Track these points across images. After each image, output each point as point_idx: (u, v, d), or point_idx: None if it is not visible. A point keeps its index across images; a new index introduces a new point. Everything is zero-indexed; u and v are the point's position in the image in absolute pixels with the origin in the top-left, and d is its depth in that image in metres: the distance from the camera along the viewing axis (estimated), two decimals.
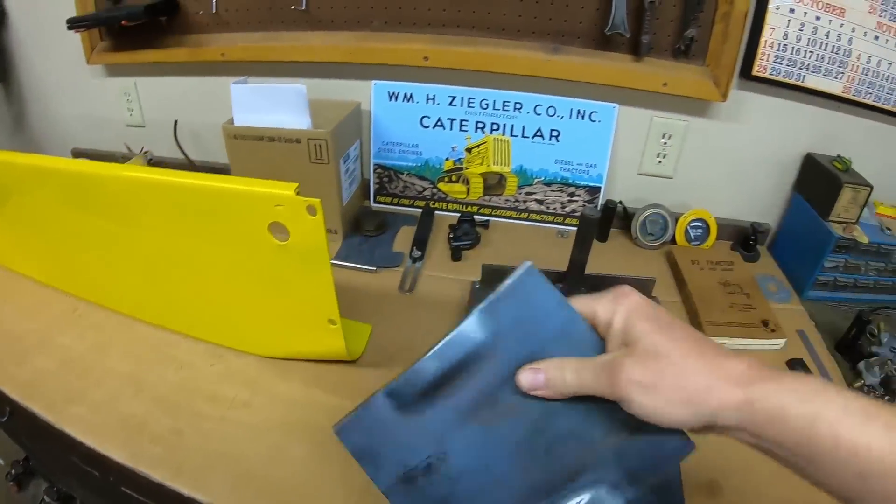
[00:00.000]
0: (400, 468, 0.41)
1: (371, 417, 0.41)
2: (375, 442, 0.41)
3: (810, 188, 0.97)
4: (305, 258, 0.58)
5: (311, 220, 0.55)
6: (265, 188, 0.56)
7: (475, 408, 0.39)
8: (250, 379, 0.69)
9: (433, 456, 0.40)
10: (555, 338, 0.37)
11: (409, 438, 0.40)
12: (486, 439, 0.40)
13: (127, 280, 0.74)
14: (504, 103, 0.95)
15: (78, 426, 0.62)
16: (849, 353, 0.86)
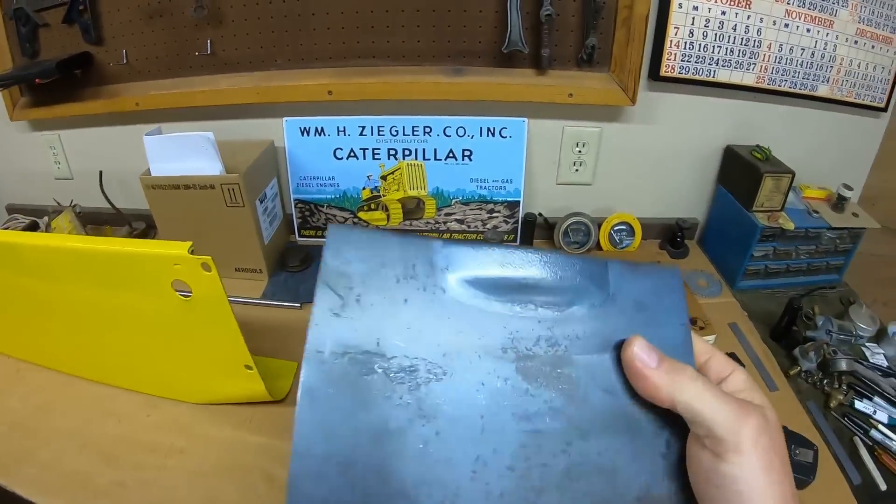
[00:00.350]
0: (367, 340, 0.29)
1: (394, 253, 0.30)
2: (368, 282, 0.30)
3: (732, 180, 1.03)
4: (209, 311, 0.63)
5: (208, 276, 0.60)
6: (161, 249, 0.61)
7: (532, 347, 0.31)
8: (184, 426, 0.75)
9: (429, 362, 0.29)
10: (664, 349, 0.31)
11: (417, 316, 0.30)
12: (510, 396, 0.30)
13: (62, 340, 0.79)
14: (413, 128, 1.00)
15: (29, 487, 0.67)
16: (783, 341, 0.91)
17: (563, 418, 0.30)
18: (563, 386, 0.31)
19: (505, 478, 0.29)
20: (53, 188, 1.20)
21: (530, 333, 0.31)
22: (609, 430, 0.30)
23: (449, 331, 0.30)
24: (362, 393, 0.28)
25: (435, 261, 0.30)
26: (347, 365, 0.28)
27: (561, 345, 0.31)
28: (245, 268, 0.98)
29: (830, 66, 1.00)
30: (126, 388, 0.80)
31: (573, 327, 0.32)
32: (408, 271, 0.30)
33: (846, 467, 0.71)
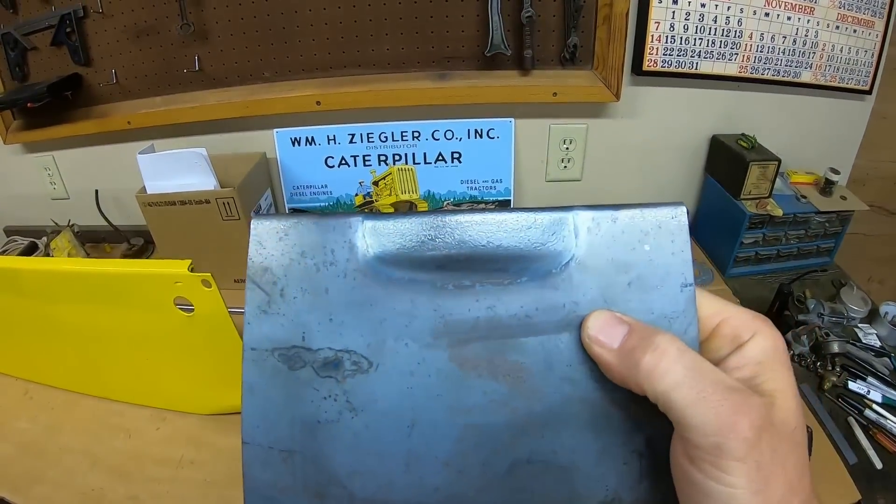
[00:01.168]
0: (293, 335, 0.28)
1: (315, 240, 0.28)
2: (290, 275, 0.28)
3: (720, 169, 1.05)
4: (211, 325, 0.66)
5: (208, 291, 0.62)
6: (162, 269, 0.64)
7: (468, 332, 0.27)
8: (194, 437, 0.77)
9: (353, 353, 0.27)
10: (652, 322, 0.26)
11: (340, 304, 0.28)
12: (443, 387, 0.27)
13: (68, 359, 0.81)
14: (402, 133, 1.02)
15: None
16: (776, 325, 0.94)
17: (507, 411, 0.27)
18: (508, 375, 0.26)
19: (440, 473, 0.27)
20: (50, 208, 1.22)
21: (466, 315, 0.27)
22: (568, 424, 0.26)
23: (372, 319, 0.27)
24: (294, 387, 0.27)
25: (355, 241, 0.27)
26: (277, 361, 0.28)
27: (505, 326, 0.26)
28: (244, 279, 0.98)
29: (813, 53, 1.01)
30: (134, 402, 0.82)
31: (522, 302, 0.26)
32: (327, 257, 0.27)
33: (841, 447, 0.72)
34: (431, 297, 0.27)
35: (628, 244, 0.26)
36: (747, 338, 0.25)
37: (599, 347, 0.25)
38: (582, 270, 0.26)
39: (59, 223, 1.13)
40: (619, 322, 0.25)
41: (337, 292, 0.27)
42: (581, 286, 0.26)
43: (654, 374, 0.23)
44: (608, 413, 0.26)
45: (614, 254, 0.26)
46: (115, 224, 1.13)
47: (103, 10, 0.96)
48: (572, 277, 0.26)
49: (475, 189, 1.06)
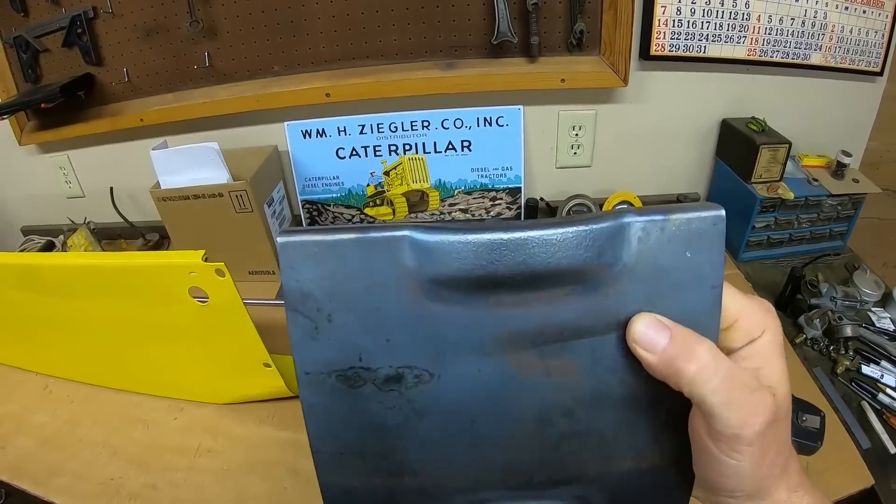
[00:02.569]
0: (349, 358, 0.28)
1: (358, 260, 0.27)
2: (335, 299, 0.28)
3: (730, 153, 1.05)
4: (226, 315, 0.67)
5: (222, 281, 0.64)
6: (176, 259, 0.65)
7: (525, 342, 0.28)
8: (210, 426, 0.79)
9: (413, 368, 0.29)
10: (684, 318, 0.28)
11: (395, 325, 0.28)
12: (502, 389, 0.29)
13: (86, 353, 0.83)
14: (412, 123, 1.03)
15: (64, 496, 0.72)
16: (789, 310, 0.93)
17: (557, 398, 0.29)
18: (560, 373, 0.29)
19: (501, 453, 0.30)
20: (66, 207, 1.24)
21: (523, 325, 0.28)
22: (607, 404, 0.29)
23: (429, 336, 0.28)
24: (357, 402, 0.29)
25: (404, 261, 0.27)
26: (337, 382, 0.28)
27: (558, 332, 0.28)
28: (258, 270, 1.02)
29: (822, 34, 1.01)
30: (151, 394, 0.84)
31: (575, 311, 0.28)
32: (374, 278, 0.27)
33: (854, 432, 0.72)
34: (489, 311, 0.28)
35: (673, 251, 0.27)
36: (758, 335, 0.29)
37: (644, 350, 0.28)
38: (629, 276, 0.27)
39: (75, 221, 1.16)
40: (662, 327, 0.27)
41: (391, 313, 0.28)
42: (628, 291, 0.28)
43: (696, 382, 0.27)
44: (639, 394, 0.29)
45: (659, 260, 0.27)
46: (130, 220, 1.15)
47: (113, 10, 0.98)
48: (620, 283, 0.27)
49: (485, 177, 1.07)
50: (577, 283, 0.27)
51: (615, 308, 0.28)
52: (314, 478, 0.37)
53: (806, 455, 0.68)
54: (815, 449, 0.68)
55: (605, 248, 0.27)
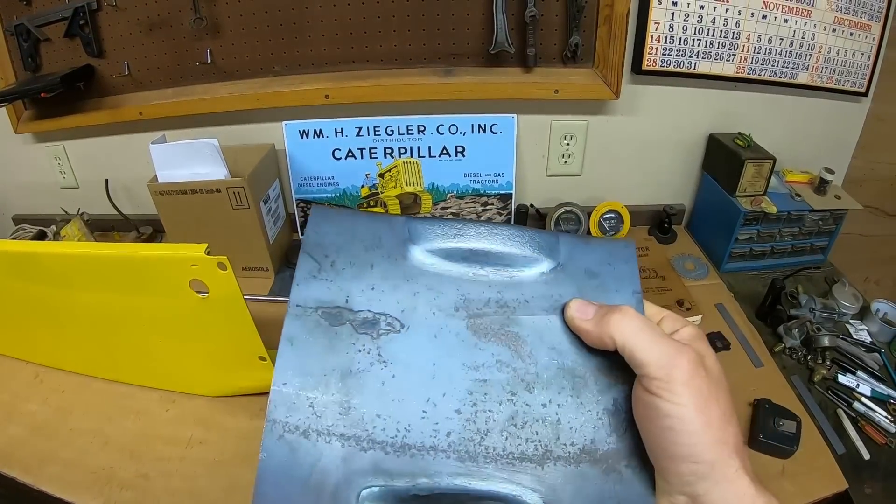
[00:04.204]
0: (338, 297, 0.34)
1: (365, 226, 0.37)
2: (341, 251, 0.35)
3: (716, 167, 1.09)
4: (225, 308, 0.69)
5: (223, 274, 0.65)
6: (179, 252, 0.66)
7: (481, 308, 0.35)
8: (202, 418, 0.81)
9: (389, 316, 0.34)
10: None
11: (381, 278, 0.35)
12: (457, 347, 0.34)
13: (80, 343, 0.84)
14: (408, 127, 1.06)
15: (55, 484, 0.73)
16: (769, 319, 0.97)
17: (509, 370, 0.34)
18: (511, 342, 0.35)
19: (452, 420, 0.33)
20: (60, 197, 1.25)
21: (481, 295, 0.36)
22: (553, 384, 0.34)
23: (408, 291, 0.35)
24: (332, 340, 0.33)
25: (399, 232, 0.37)
26: (321, 317, 0.34)
27: (509, 306, 0.36)
28: (252, 266, 1.05)
29: (810, 55, 1.06)
30: (143, 385, 0.86)
31: (522, 291, 0.36)
32: (374, 242, 0.36)
33: (830, 438, 0.76)
34: (456, 279, 0.36)
35: (597, 259, 0.37)
36: (679, 328, 0.35)
37: (579, 320, 0.34)
38: (564, 273, 0.37)
39: (68, 212, 1.17)
40: (590, 304, 0.35)
41: (380, 268, 0.35)
42: (563, 284, 0.36)
43: (620, 326, 0.32)
44: (585, 378, 0.34)
45: (587, 265, 0.37)
46: (124, 213, 1.17)
47: (117, 2, 0.99)
48: (557, 278, 0.37)
49: (478, 182, 1.10)
50: (523, 269, 0.37)
51: (555, 296, 0.36)
52: None
53: (782, 458, 0.72)
54: (791, 452, 0.72)
55: (543, 248, 0.37)
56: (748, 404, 0.78)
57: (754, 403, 0.78)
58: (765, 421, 0.74)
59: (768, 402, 0.78)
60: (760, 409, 0.77)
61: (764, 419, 0.75)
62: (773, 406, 0.77)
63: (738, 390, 0.79)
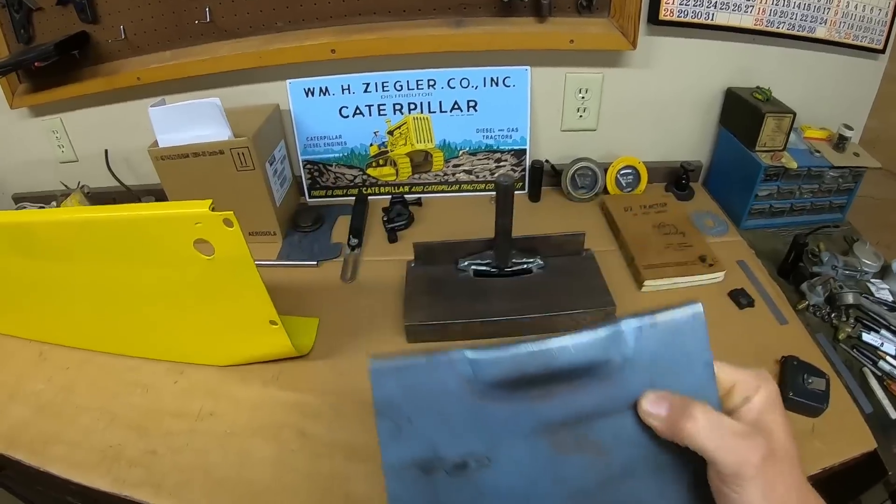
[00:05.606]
0: (426, 450, 0.34)
1: (428, 375, 0.34)
2: (413, 405, 0.34)
3: (735, 121, 1.02)
4: (233, 268, 0.62)
5: (230, 231, 0.58)
6: (182, 209, 0.59)
7: (558, 426, 0.35)
8: (212, 389, 0.74)
9: (474, 456, 0.35)
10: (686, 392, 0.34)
11: (459, 422, 0.34)
12: (546, 466, 0.35)
13: (83, 317, 0.77)
14: (418, 82, 0.98)
15: (61, 465, 0.66)
16: (791, 277, 0.91)
17: (594, 473, 0.35)
18: (591, 449, 0.35)
19: None
20: (59, 172, 1.18)
21: (555, 413, 0.35)
22: (636, 474, 0.35)
23: (486, 428, 0.35)
24: (432, 487, 0.35)
25: (462, 371, 0.34)
26: (416, 471, 0.35)
27: (584, 416, 0.35)
28: (259, 231, 0.97)
29: (828, 8, 0.98)
30: (150, 357, 0.79)
31: (594, 398, 0.34)
32: (442, 388, 0.34)
33: (857, 397, 0.70)
34: (527, 404, 0.34)
35: (664, 341, 0.34)
36: (753, 393, 0.34)
37: (652, 419, 0.34)
38: (633, 367, 0.34)
39: (68, 186, 1.10)
40: (662, 399, 0.34)
41: (454, 413, 0.34)
42: (633, 378, 0.34)
43: (693, 435, 0.32)
44: (663, 463, 0.35)
45: (655, 350, 0.34)
46: (125, 183, 1.09)
47: None
48: (626, 373, 0.34)
49: (491, 138, 1.03)
50: (592, 377, 0.34)
51: (626, 393, 0.34)
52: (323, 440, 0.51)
53: (812, 417, 0.67)
54: (821, 411, 0.67)
55: (608, 348, 0.34)
56: (775, 361, 0.73)
57: (782, 361, 0.73)
58: (794, 378, 0.69)
59: (796, 360, 0.73)
60: (788, 367, 0.71)
61: (793, 376, 0.69)
62: (802, 363, 0.72)
63: (763, 348, 0.74)
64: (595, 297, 0.78)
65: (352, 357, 0.77)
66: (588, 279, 0.81)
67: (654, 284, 0.84)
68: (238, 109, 0.94)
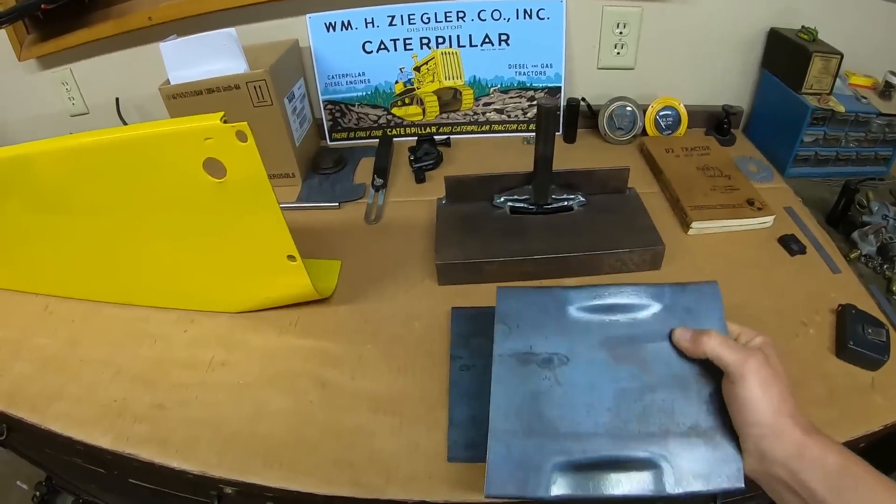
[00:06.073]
0: (524, 347, 0.47)
1: (536, 298, 0.50)
2: (522, 317, 0.49)
3: (779, 63, 0.92)
4: (247, 192, 0.53)
5: (244, 146, 0.50)
6: (190, 123, 0.50)
7: (617, 342, 0.47)
8: (224, 337, 0.65)
9: (559, 354, 0.47)
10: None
11: (552, 329, 0.48)
12: (605, 368, 0.46)
13: (86, 265, 0.68)
14: (446, 14, 0.88)
15: (62, 422, 0.58)
16: (840, 225, 0.82)
17: (638, 381, 0.46)
18: (638, 363, 0.46)
19: (605, 416, 0.44)
20: (70, 126, 1.09)
21: (616, 333, 0.48)
22: (668, 386, 0.45)
23: (568, 337, 0.48)
24: (524, 374, 0.46)
25: (558, 298, 0.49)
26: (515, 360, 0.47)
27: (635, 339, 0.47)
28: (277, 173, 0.87)
29: None
30: (159, 306, 0.70)
31: (643, 328, 0.48)
32: (543, 308, 0.49)
33: None
34: (598, 325, 0.48)
35: (692, 299, 0.48)
36: (753, 337, 0.46)
37: (681, 341, 0.46)
38: (670, 312, 0.48)
39: None
40: (688, 330, 0.46)
41: (549, 325, 0.48)
42: (669, 319, 0.48)
43: (710, 344, 0.44)
44: (688, 380, 0.45)
45: (685, 304, 0.48)
46: None
47: None
48: (665, 316, 0.48)
49: (524, 74, 0.93)
50: (642, 311, 0.48)
51: (664, 328, 0.47)
52: (342, 390, 0.56)
53: (872, 370, 0.59)
54: (882, 363, 0.59)
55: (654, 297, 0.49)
56: (830, 311, 0.64)
57: (839, 310, 0.64)
58: (854, 328, 0.60)
59: (854, 308, 0.65)
60: (847, 315, 0.62)
61: (853, 325, 0.61)
62: (861, 312, 0.63)
63: (817, 295, 0.66)
64: (642, 235, 0.68)
65: (377, 302, 0.68)
66: (633, 217, 0.71)
67: (701, 227, 0.74)
68: (255, 46, 0.85)
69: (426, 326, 0.64)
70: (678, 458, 0.42)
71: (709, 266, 0.69)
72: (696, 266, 0.69)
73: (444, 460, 0.50)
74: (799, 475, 0.38)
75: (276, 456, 0.52)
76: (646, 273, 0.68)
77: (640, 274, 0.68)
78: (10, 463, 1.49)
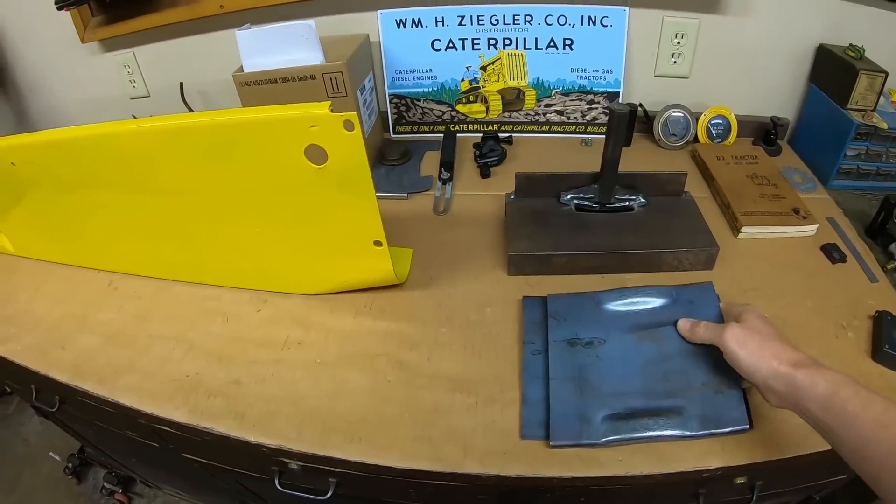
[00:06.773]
0: (571, 334, 0.61)
1: (577, 298, 0.64)
2: (568, 312, 0.63)
3: (826, 78, 0.95)
4: (346, 178, 0.55)
5: (350, 135, 0.51)
6: (298, 111, 0.52)
7: (640, 327, 0.60)
8: (300, 318, 0.68)
9: (597, 337, 0.60)
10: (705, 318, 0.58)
11: (591, 320, 0.62)
12: (632, 346, 0.59)
13: (156, 244, 0.71)
14: (514, 17, 0.91)
15: (132, 395, 0.60)
16: (878, 237, 0.85)
17: (658, 353, 0.58)
18: (656, 341, 0.59)
19: (637, 379, 0.56)
20: (130, 108, 1.12)
21: (639, 321, 0.61)
22: (681, 356, 0.57)
23: (605, 325, 0.61)
24: (573, 353, 0.59)
25: (597, 299, 0.63)
26: (565, 344, 0.60)
27: (654, 324, 0.60)
28: None
29: None
30: (231, 286, 0.72)
31: (658, 316, 0.61)
32: (585, 305, 0.63)
33: None
34: (626, 315, 0.62)
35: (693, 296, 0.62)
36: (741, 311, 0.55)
37: (682, 331, 0.59)
38: (677, 304, 0.62)
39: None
40: (688, 321, 0.59)
41: (590, 317, 0.62)
42: (676, 309, 0.61)
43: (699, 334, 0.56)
44: (696, 352, 0.57)
45: (688, 298, 0.62)
46: None
47: None
48: (673, 306, 0.62)
49: (585, 78, 0.96)
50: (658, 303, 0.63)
51: (674, 315, 0.60)
52: (420, 370, 0.61)
53: None
54: None
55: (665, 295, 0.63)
56: (868, 317, 0.67)
57: (875, 315, 0.67)
58: (889, 333, 0.63)
59: (890, 315, 0.67)
60: (883, 321, 0.65)
61: (888, 331, 0.64)
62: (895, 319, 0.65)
63: (855, 301, 0.69)
64: (698, 236, 0.72)
65: (449, 288, 0.70)
66: (689, 220, 0.74)
67: (750, 231, 0.78)
68: (328, 38, 0.86)
69: (498, 313, 0.67)
70: (695, 405, 0.54)
71: (757, 268, 0.72)
72: (746, 267, 0.72)
73: (518, 438, 0.53)
74: (799, 405, 0.45)
75: (357, 431, 0.55)
76: (699, 272, 0.71)
77: (693, 273, 0.71)
78: (44, 434, 1.54)
